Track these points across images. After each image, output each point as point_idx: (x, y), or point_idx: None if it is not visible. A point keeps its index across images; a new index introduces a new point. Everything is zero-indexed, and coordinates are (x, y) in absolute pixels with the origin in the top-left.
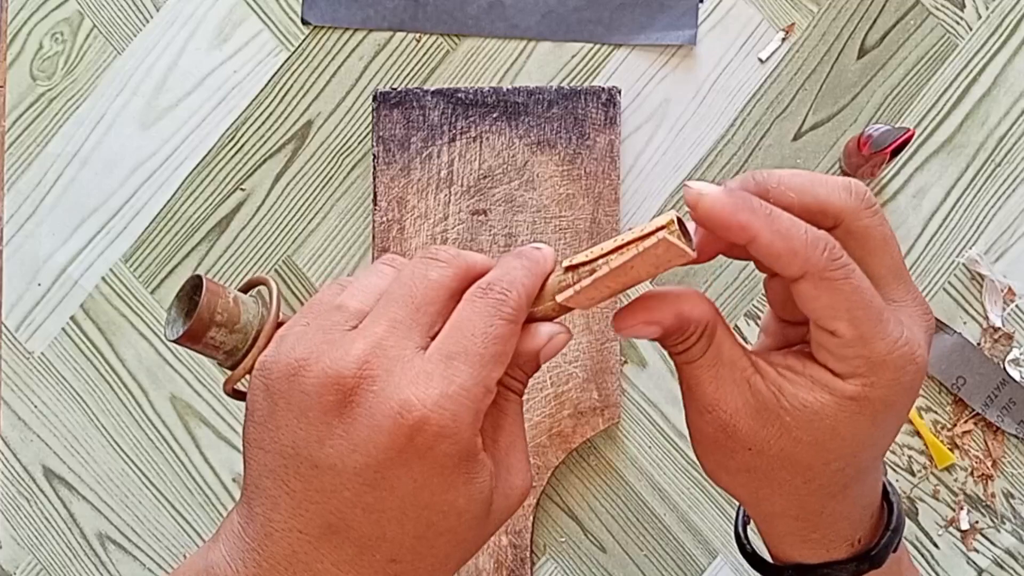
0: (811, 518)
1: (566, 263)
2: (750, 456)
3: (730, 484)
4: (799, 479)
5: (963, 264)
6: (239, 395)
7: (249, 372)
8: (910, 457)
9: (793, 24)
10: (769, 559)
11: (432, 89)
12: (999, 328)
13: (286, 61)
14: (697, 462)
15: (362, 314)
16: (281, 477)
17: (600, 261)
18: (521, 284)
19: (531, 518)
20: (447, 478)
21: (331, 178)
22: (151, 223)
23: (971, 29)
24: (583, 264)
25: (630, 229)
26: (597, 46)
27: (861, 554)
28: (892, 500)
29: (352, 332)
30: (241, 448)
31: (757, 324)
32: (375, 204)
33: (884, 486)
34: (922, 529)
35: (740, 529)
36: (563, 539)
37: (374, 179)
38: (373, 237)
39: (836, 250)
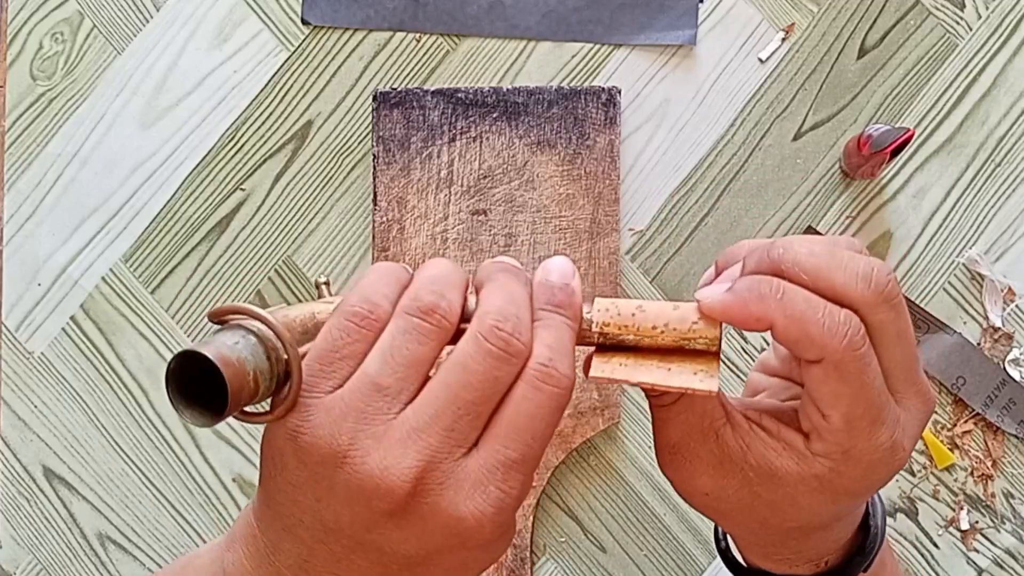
0: (772, 547)
1: (595, 324)
2: (709, 499)
3: (695, 507)
4: (756, 524)
5: (963, 264)
6: (246, 416)
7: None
8: (910, 457)
9: (793, 24)
10: (741, 558)
11: (432, 89)
12: (999, 328)
13: (286, 61)
14: None
15: (404, 395)
16: (320, 539)
17: (631, 337)
18: (572, 357)
19: (531, 518)
20: (494, 553)
21: (331, 178)
22: (151, 223)
23: (971, 29)
24: (613, 335)
25: (666, 302)
26: (597, 46)
27: (825, 573)
28: (870, 524)
29: (399, 425)
30: (240, 449)
31: None
32: (375, 204)
33: (868, 507)
34: (922, 529)
35: (718, 527)
36: (563, 539)
37: (374, 179)
38: (373, 237)
39: (857, 339)
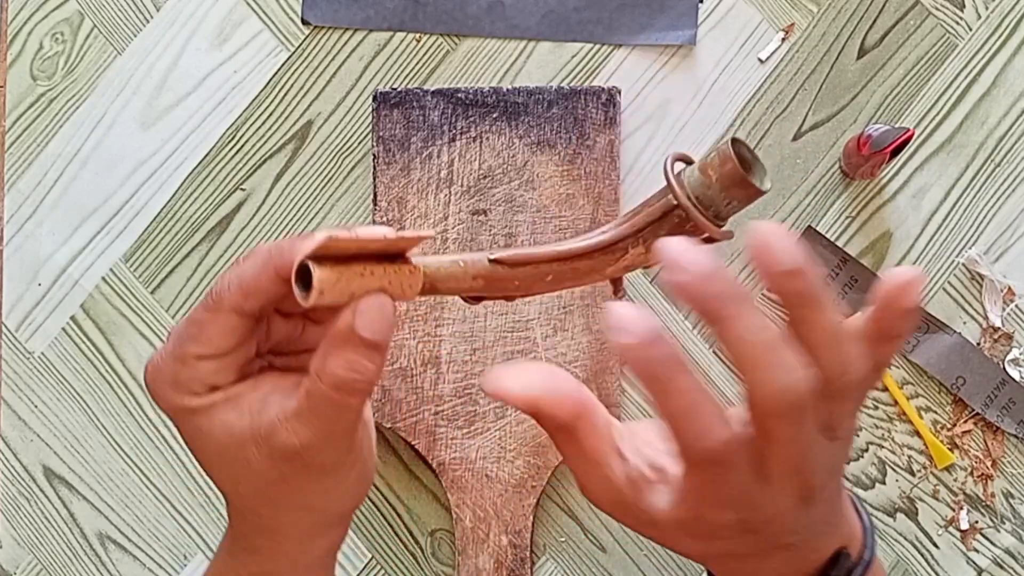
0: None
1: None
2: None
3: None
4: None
5: (963, 264)
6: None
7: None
8: (910, 457)
9: (793, 24)
10: None
11: (432, 89)
12: (999, 328)
13: (286, 61)
14: None
15: None
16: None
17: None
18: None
19: (531, 518)
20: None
21: (331, 178)
22: (151, 223)
23: (971, 29)
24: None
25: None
26: (597, 46)
27: None
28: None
29: None
30: None
31: None
32: (375, 204)
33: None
34: (922, 529)
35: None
36: (563, 539)
37: (374, 179)
38: None
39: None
